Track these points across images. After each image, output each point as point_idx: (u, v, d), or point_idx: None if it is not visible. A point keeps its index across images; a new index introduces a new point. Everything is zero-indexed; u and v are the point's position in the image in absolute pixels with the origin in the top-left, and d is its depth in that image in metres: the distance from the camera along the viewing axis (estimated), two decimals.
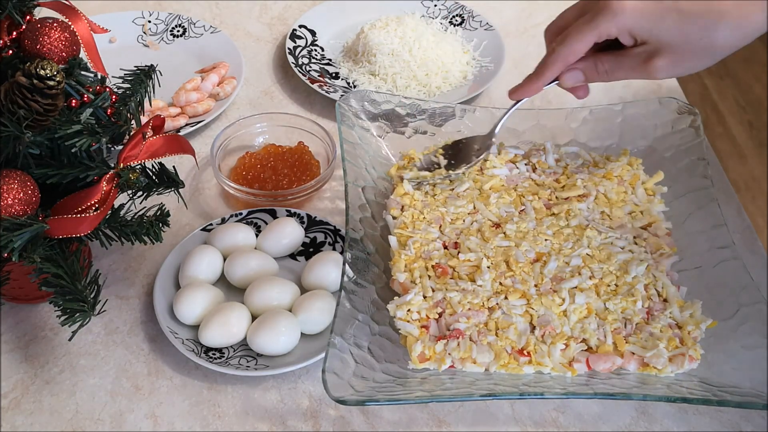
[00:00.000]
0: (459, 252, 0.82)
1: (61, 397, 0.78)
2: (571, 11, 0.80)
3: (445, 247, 0.83)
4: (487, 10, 1.25)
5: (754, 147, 2.34)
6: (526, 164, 0.93)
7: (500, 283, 0.79)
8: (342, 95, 1.03)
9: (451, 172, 0.90)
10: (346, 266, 0.77)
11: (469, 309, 0.77)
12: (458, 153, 0.92)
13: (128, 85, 0.81)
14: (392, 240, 0.84)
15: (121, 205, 0.81)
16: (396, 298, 0.78)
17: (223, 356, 0.79)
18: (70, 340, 0.73)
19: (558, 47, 0.78)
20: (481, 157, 0.90)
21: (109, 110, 0.77)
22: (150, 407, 0.77)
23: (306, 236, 0.90)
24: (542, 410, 0.77)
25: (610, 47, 0.78)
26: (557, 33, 0.80)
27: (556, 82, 0.82)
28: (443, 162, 0.91)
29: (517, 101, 0.86)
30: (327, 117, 1.08)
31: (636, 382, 0.73)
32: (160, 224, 0.82)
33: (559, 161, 0.93)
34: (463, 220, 0.86)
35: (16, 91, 0.67)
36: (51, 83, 0.67)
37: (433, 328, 0.77)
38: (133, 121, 0.79)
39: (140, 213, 0.81)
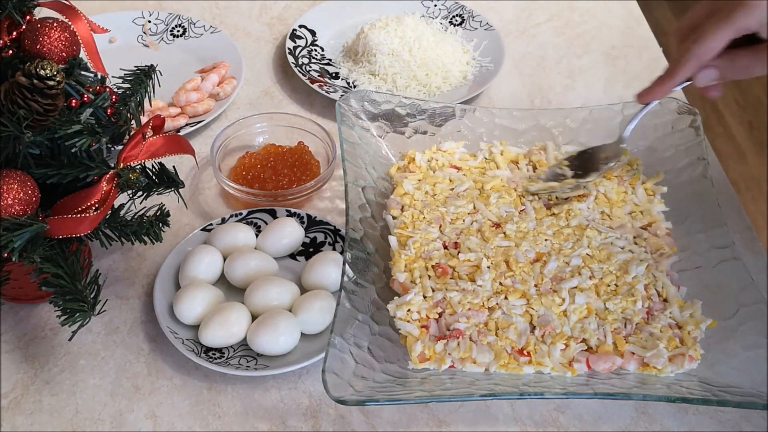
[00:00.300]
0: (459, 252, 0.82)
1: (61, 397, 0.78)
2: (700, 10, 0.77)
3: (445, 247, 0.83)
4: (487, 10, 1.25)
5: (754, 147, 2.33)
6: (527, 164, 0.93)
7: (500, 283, 0.79)
8: (342, 95, 1.03)
9: (579, 180, 0.87)
10: (346, 266, 0.77)
11: (469, 309, 0.77)
12: (584, 163, 0.90)
13: (128, 85, 0.81)
14: (392, 240, 0.84)
15: (121, 205, 0.81)
16: (396, 298, 0.79)
17: (223, 356, 0.79)
18: (70, 340, 0.73)
19: (693, 45, 0.75)
20: (612, 164, 0.88)
21: (109, 110, 0.77)
22: (150, 407, 0.77)
23: (306, 236, 0.90)
24: (542, 410, 0.77)
25: (743, 43, 0.75)
26: (688, 32, 0.77)
27: (689, 82, 0.79)
28: (569, 173, 0.89)
29: (647, 104, 0.83)
30: (327, 117, 1.08)
31: (636, 382, 0.73)
32: (160, 224, 0.82)
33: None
34: (463, 220, 0.86)
35: (16, 91, 0.67)
36: (51, 83, 0.67)
37: (433, 328, 0.77)
38: (133, 121, 0.79)
39: (140, 213, 0.82)
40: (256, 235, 0.89)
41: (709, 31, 0.74)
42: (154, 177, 0.81)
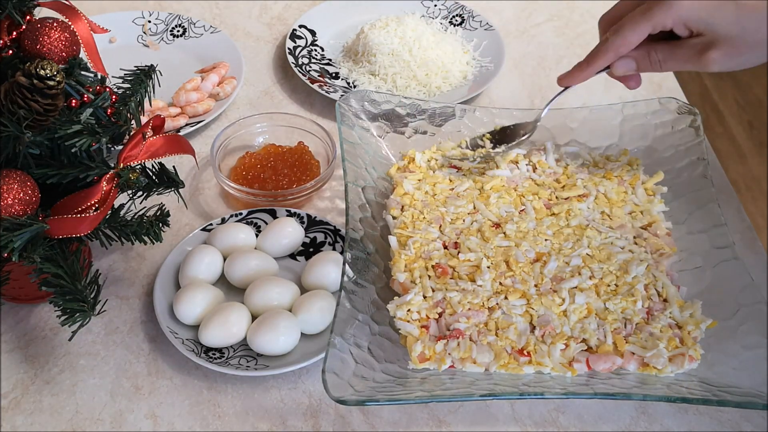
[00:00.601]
0: (459, 252, 0.82)
1: (61, 397, 0.78)
2: (626, 3, 0.80)
3: (445, 247, 0.83)
4: (487, 10, 1.25)
5: (754, 147, 2.33)
6: (527, 164, 0.93)
7: (500, 283, 0.79)
8: (342, 95, 1.03)
9: (490, 150, 0.92)
10: (346, 266, 0.77)
11: (469, 309, 0.77)
12: (504, 137, 0.93)
13: (128, 85, 0.81)
14: (392, 240, 0.84)
15: (121, 205, 0.81)
16: (396, 298, 0.78)
17: (223, 356, 0.79)
18: (70, 340, 0.73)
19: (612, 36, 0.78)
20: (525, 137, 0.91)
21: (109, 110, 0.77)
22: (150, 407, 0.77)
23: (306, 236, 0.90)
24: (542, 410, 0.77)
25: (664, 37, 0.78)
26: (611, 22, 0.80)
27: (607, 70, 0.82)
28: (489, 145, 0.93)
29: (565, 87, 0.86)
30: (327, 117, 1.08)
31: (636, 382, 0.73)
32: (160, 224, 0.82)
33: (559, 161, 0.93)
34: (463, 220, 0.86)
35: (16, 91, 0.67)
36: (51, 83, 0.67)
37: (433, 328, 0.77)
38: (133, 121, 0.79)
39: (140, 213, 0.82)
40: (256, 235, 0.89)
41: (628, 24, 0.77)
42: (154, 177, 0.81)
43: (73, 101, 0.73)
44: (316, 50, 1.17)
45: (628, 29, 0.77)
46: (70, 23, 0.75)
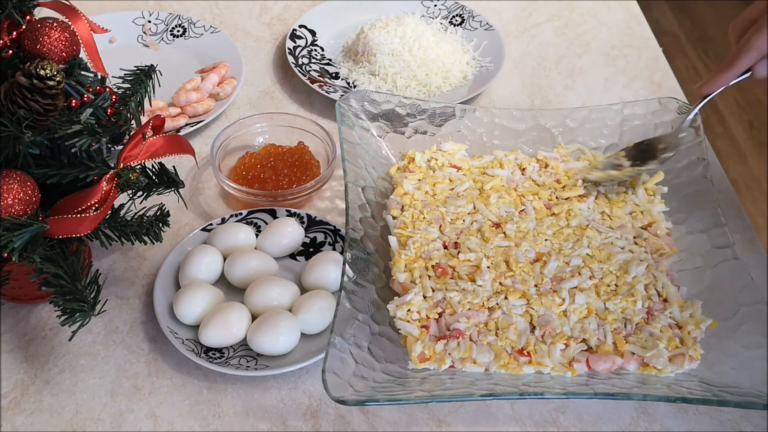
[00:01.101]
0: (459, 252, 0.82)
1: (61, 397, 0.78)
2: (759, 6, 0.76)
3: (445, 247, 0.83)
4: (487, 10, 1.25)
5: (754, 147, 2.33)
6: (535, 163, 0.93)
7: (500, 283, 0.79)
8: (342, 95, 1.03)
9: (639, 168, 0.87)
10: (346, 266, 0.77)
11: (469, 309, 0.77)
12: (641, 154, 0.89)
13: (128, 85, 0.81)
14: (392, 240, 0.84)
15: (121, 205, 0.81)
16: (396, 298, 0.78)
17: (223, 356, 0.79)
18: (70, 340, 0.73)
19: (755, 34, 0.74)
20: (671, 154, 0.87)
21: (109, 110, 0.77)
22: (150, 407, 0.77)
23: (306, 236, 0.90)
24: (542, 410, 0.77)
25: None
26: (746, 27, 0.77)
27: (749, 73, 0.79)
28: (627, 164, 0.89)
29: (709, 95, 0.83)
30: (327, 117, 1.08)
31: (636, 382, 0.73)
32: (160, 224, 0.82)
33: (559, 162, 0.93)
34: (463, 220, 0.86)
35: (16, 91, 0.67)
36: (51, 83, 0.67)
37: (433, 328, 0.77)
38: (133, 121, 0.79)
39: (140, 213, 0.82)
40: (256, 235, 0.89)
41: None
42: (154, 177, 0.81)
43: (73, 101, 0.73)
44: (316, 50, 1.17)
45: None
46: (70, 23, 0.75)
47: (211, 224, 0.90)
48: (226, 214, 0.92)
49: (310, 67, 1.14)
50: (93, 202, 0.73)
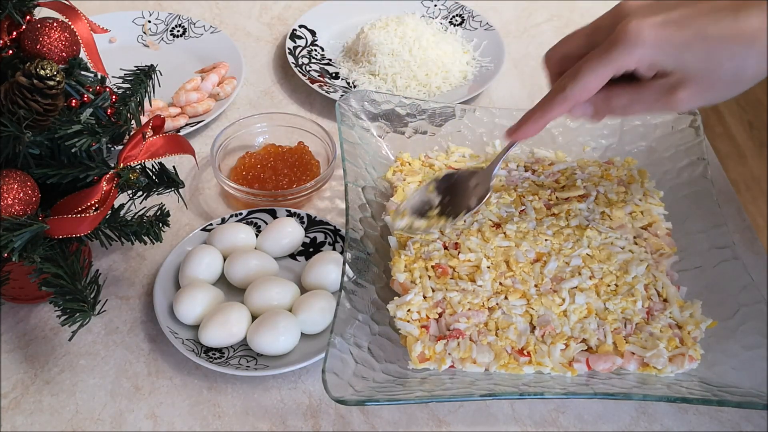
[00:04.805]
0: (459, 252, 0.82)
1: (61, 397, 0.78)
2: (577, 38, 0.71)
3: (445, 248, 0.83)
4: (487, 10, 1.25)
5: (754, 147, 2.33)
6: (525, 170, 0.93)
7: (500, 283, 0.79)
8: (342, 95, 1.03)
9: (448, 221, 0.81)
10: (346, 266, 0.77)
11: (469, 309, 0.77)
12: (453, 189, 0.83)
13: (128, 85, 0.81)
14: (392, 240, 0.84)
15: (121, 205, 0.81)
16: (396, 298, 0.78)
17: (223, 356, 0.79)
18: (70, 340, 0.73)
19: (569, 84, 0.68)
20: (482, 203, 0.81)
21: (109, 110, 0.77)
22: (150, 407, 0.77)
23: (306, 236, 0.90)
24: (542, 410, 0.77)
25: (623, 77, 0.69)
26: (561, 62, 0.72)
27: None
28: (436, 200, 0.83)
29: (514, 143, 0.78)
30: (327, 117, 1.08)
31: (636, 382, 0.73)
32: (160, 224, 0.82)
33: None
34: (464, 221, 0.86)
35: (16, 91, 0.67)
36: (51, 83, 0.67)
37: (433, 328, 0.77)
38: (133, 121, 0.79)
39: (140, 213, 0.82)
40: (256, 235, 0.89)
41: (586, 70, 0.67)
42: (154, 177, 0.81)
43: (73, 101, 0.73)
44: (316, 50, 1.17)
45: (588, 76, 0.67)
46: (70, 23, 0.75)
47: (211, 224, 0.90)
48: (226, 214, 0.92)
49: (310, 67, 1.14)
50: (93, 202, 0.73)
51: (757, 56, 0.64)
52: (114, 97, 0.78)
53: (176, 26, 1.19)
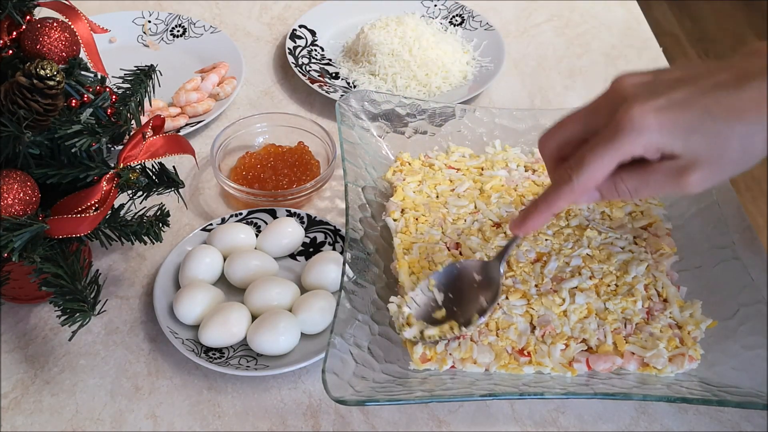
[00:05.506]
0: (460, 252, 0.82)
1: (61, 397, 0.78)
2: (573, 123, 0.68)
3: (447, 248, 0.83)
4: (487, 10, 1.25)
5: None
6: (519, 167, 0.93)
7: None
8: (342, 95, 1.03)
9: (461, 330, 0.75)
10: (346, 266, 0.77)
11: None
12: (457, 285, 0.78)
13: (128, 85, 0.81)
14: (396, 243, 0.84)
15: (121, 205, 0.81)
16: (397, 297, 0.78)
17: (223, 356, 0.79)
18: (70, 340, 0.73)
19: (574, 175, 0.64)
20: (495, 303, 0.77)
21: (109, 110, 0.77)
22: (150, 407, 0.77)
23: (306, 236, 0.90)
24: (542, 410, 0.77)
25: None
26: (559, 148, 0.68)
27: None
28: (440, 297, 0.77)
29: (518, 237, 0.76)
30: (327, 117, 1.08)
31: (636, 382, 0.73)
32: (160, 224, 0.82)
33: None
34: (465, 220, 0.86)
35: (16, 91, 0.67)
36: (51, 83, 0.67)
37: None
38: (133, 121, 0.79)
39: (140, 213, 0.82)
40: (256, 235, 0.89)
41: (591, 158, 0.64)
42: (154, 177, 0.81)
43: (73, 101, 0.73)
44: (316, 50, 1.17)
45: (593, 165, 0.63)
46: (70, 23, 0.75)
47: (211, 224, 0.90)
48: (226, 214, 0.92)
49: (310, 67, 1.14)
50: (93, 202, 0.73)
51: (765, 131, 0.61)
52: (114, 97, 0.78)
53: (176, 26, 1.19)
